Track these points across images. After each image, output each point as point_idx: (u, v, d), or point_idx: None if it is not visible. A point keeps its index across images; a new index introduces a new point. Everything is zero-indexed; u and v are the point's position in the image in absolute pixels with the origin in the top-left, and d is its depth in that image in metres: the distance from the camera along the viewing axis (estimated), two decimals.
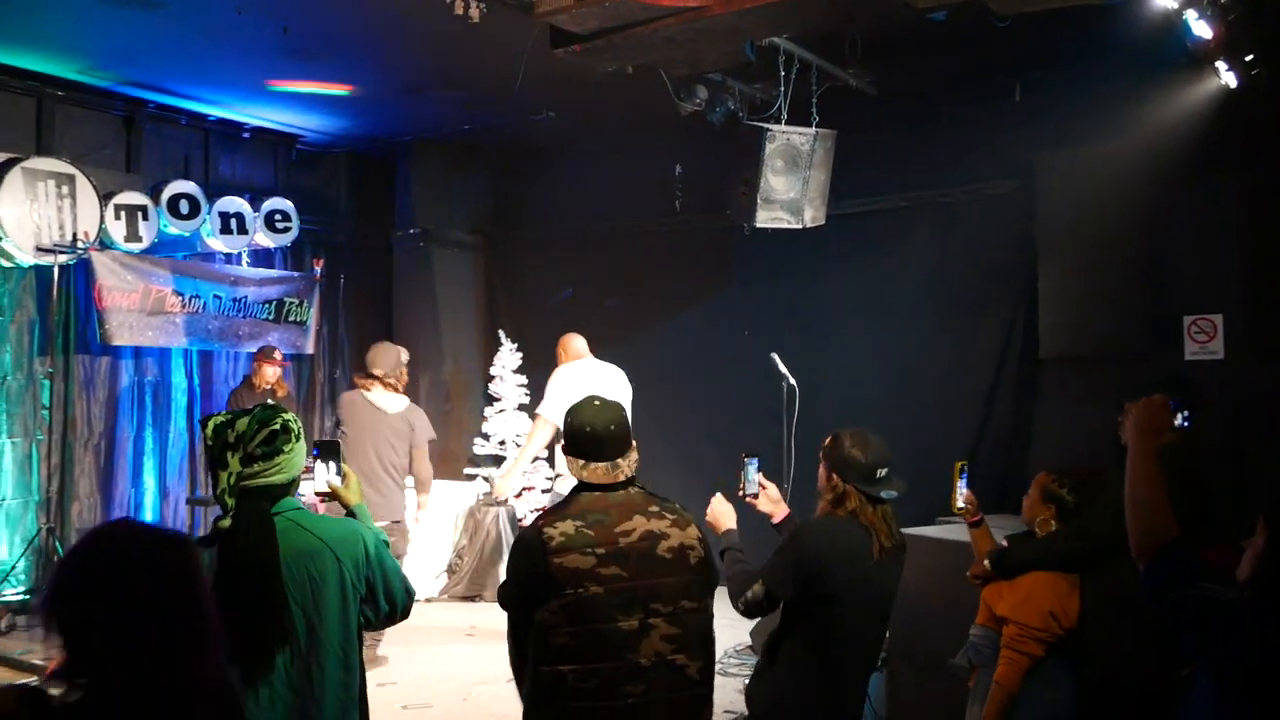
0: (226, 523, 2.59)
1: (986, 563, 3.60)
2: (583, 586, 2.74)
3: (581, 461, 2.94)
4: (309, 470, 2.89)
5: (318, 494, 3.05)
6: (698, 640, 2.88)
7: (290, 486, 2.71)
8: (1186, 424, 2.88)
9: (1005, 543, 3.69)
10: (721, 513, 3.45)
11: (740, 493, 3.57)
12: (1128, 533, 2.31)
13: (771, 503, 3.56)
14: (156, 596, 1.72)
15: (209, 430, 2.66)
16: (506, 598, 2.91)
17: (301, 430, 2.75)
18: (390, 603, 2.76)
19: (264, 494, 2.62)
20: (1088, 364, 6.85)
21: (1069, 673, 3.42)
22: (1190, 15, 5.16)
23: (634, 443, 3.01)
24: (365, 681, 2.78)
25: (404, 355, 6.56)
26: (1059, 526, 3.55)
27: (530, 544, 2.82)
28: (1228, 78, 5.85)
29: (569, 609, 2.74)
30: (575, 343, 7.00)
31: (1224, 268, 6.45)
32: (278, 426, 2.65)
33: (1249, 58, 5.68)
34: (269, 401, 3.20)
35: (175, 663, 1.70)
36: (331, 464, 2.99)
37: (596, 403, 3.01)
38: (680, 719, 2.85)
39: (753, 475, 3.55)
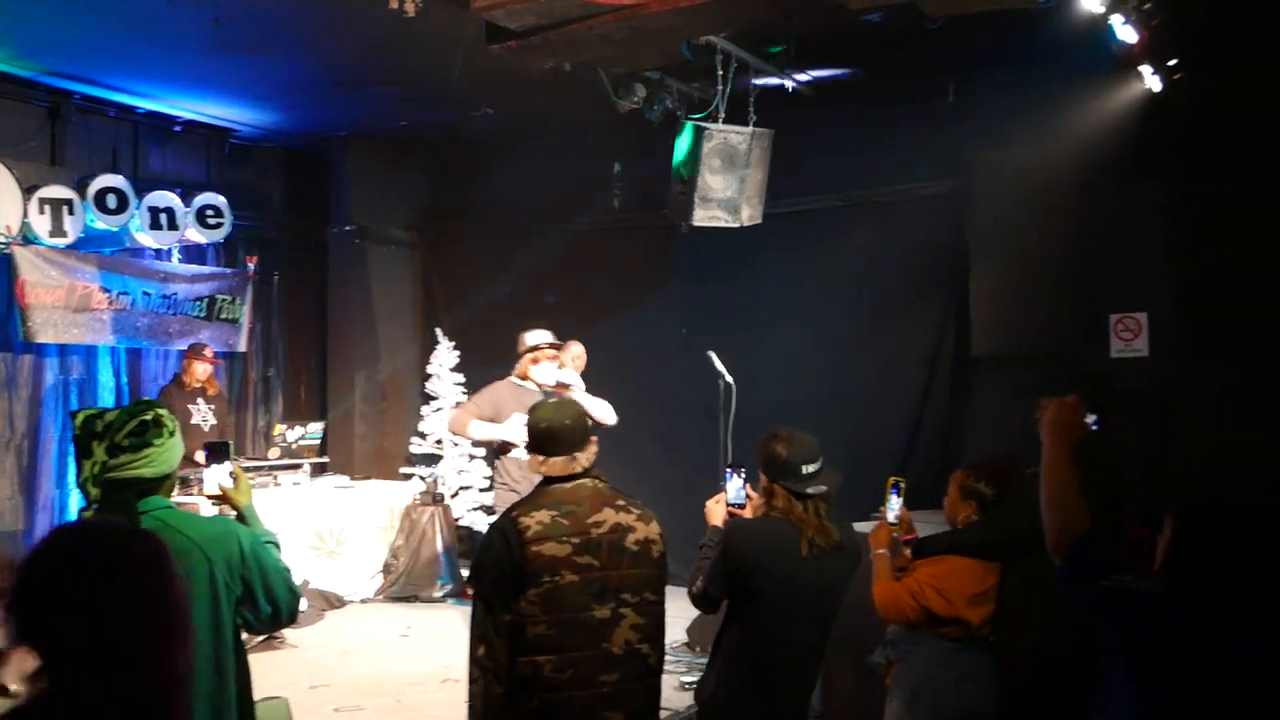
0: (88, 514, 2.54)
1: (908, 552, 3.66)
2: (559, 575, 2.80)
3: (541, 457, 3.03)
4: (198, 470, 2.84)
5: (209, 496, 2.98)
6: (658, 632, 2.99)
7: (161, 483, 2.63)
8: (1097, 426, 2.96)
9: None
10: (713, 511, 3.55)
11: (717, 501, 3.60)
12: (1044, 526, 2.38)
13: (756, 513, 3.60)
14: (134, 590, 1.67)
15: (78, 420, 2.60)
16: (487, 591, 2.89)
17: (177, 428, 2.68)
18: (272, 604, 2.68)
19: (130, 487, 2.56)
20: (1018, 362, 6.97)
21: (988, 665, 3.48)
22: (1116, 20, 5.28)
23: (593, 438, 3.09)
24: (249, 685, 2.71)
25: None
26: (981, 518, 3.61)
27: (507, 533, 2.85)
28: (1152, 82, 6.00)
29: (545, 598, 2.79)
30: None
31: (1149, 267, 6.60)
32: (149, 418, 2.60)
33: (1172, 62, 5.83)
34: (144, 399, 3.13)
35: (155, 654, 1.66)
36: (222, 466, 2.94)
37: (553, 400, 3.14)
38: (644, 707, 2.95)
39: (734, 485, 3.59)
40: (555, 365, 6.28)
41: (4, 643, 1.63)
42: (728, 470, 3.65)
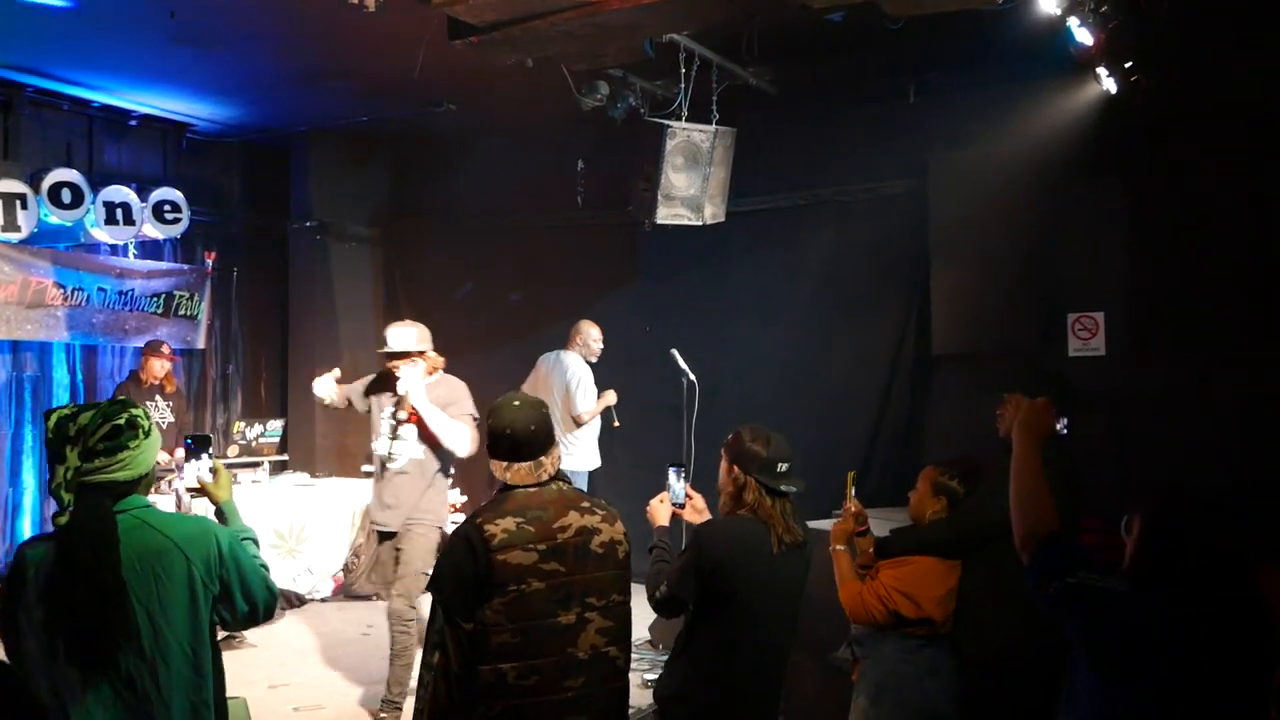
0: (63, 519, 2.48)
1: (869, 549, 3.69)
2: (525, 583, 2.75)
3: (505, 463, 2.95)
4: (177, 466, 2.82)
5: (188, 490, 2.96)
6: (625, 632, 2.96)
7: (137, 484, 2.61)
8: (1065, 431, 3.00)
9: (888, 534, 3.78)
10: (658, 511, 3.54)
11: (661, 500, 3.61)
12: (1011, 524, 2.40)
13: (696, 513, 3.61)
14: None
15: (51, 423, 2.55)
16: (448, 599, 2.81)
17: (153, 428, 2.64)
18: (250, 602, 2.66)
19: (105, 490, 2.52)
20: (978, 360, 7.03)
21: (950, 661, 3.52)
22: (1073, 22, 5.33)
23: (556, 439, 3.04)
24: (224, 685, 2.69)
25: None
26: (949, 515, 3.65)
27: (473, 541, 2.78)
28: (1108, 83, 6.07)
29: (511, 606, 2.74)
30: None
31: (1106, 267, 6.68)
32: (122, 421, 2.55)
33: (1128, 64, 5.89)
34: (122, 397, 3.09)
35: None
36: (202, 459, 2.91)
37: (516, 403, 3.01)
38: (612, 708, 2.92)
39: (676, 484, 3.59)
40: (413, 373, 5.37)
41: None
42: (671, 469, 3.66)
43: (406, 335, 5.41)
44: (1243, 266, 6.14)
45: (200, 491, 2.92)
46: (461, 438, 5.33)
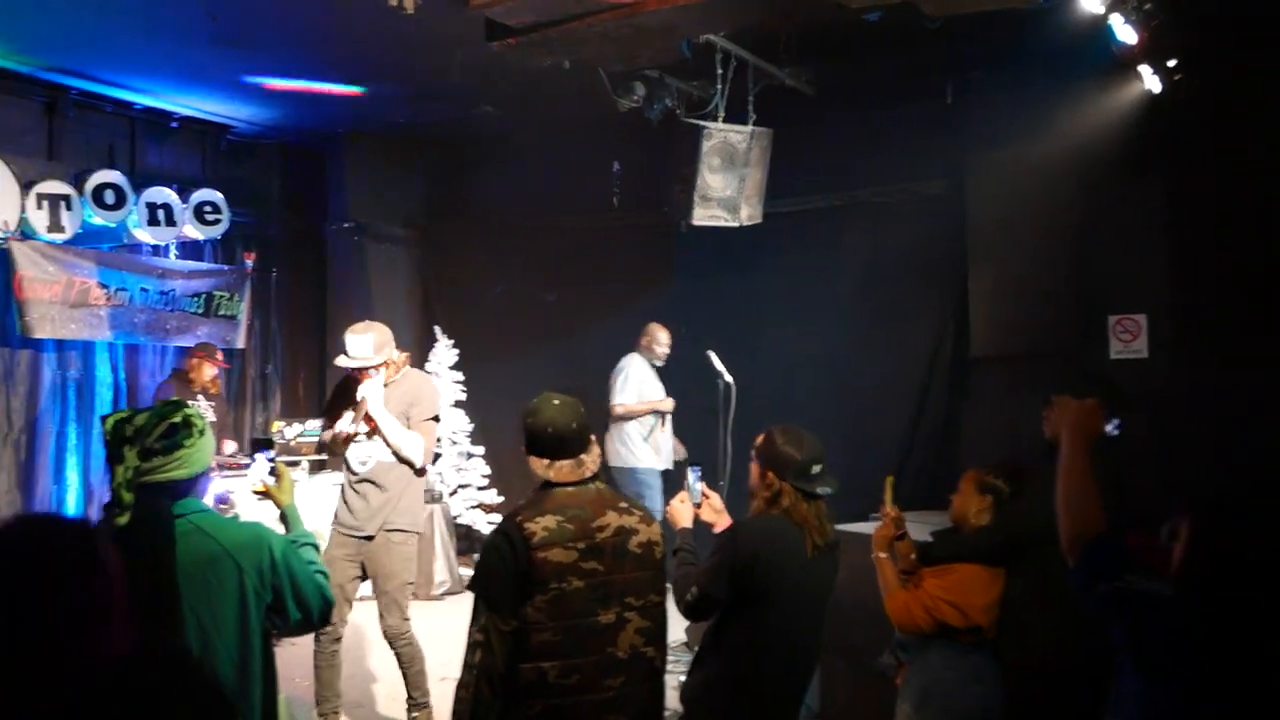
0: (124, 519, 2.50)
1: (913, 555, 3.66)
2: (565, 581, 2.76)
3: (547, 461, 2.94)
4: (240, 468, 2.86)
5: (253, 492, 3.00)
6: (662, 633, 2.96)
7: (193, 483, 2.64)
8: (1117, 432, 2.96)
9: (930, 539, 3.75)
10: (680, 512, 3.50)
11: (682, 501, 3.59)
12: (1058, 528, 2.37)
13: (714, 513, 3.58)
14: (62, 578, 1.75)
15: (108, 426, 2.60)
16: (493, 595, 2.81)
17: (207, 426, 2.68)
18: (303, 610, 2.69)
19: (164, 490, 2.56)
20: (1016, 362, 6.97)
21: (996, 667, 3.48)
22: (1115, 20, 5.28)
23: (593, 438, 3.03)
24: (275, 691, 2.71)
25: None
26: (993, 518, 3.61)
27: (514, 539, 2.78)
28: (1151, 82, 6.00)
29: (552, 605, 2.74)
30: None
31: (1149, 268, 6.59)
32: (178, 420, 2.60)
33: (1171, 63, 5.82)
34: (174, 398, 3.14)
35: (92, 637, 1.73)
36: (266, 462, 2.95)
37: (556, 401, 3.01)
38: (650, 709, 2.92)
39: (694, 484, 3.57)
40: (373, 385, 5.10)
41: None
42: (689, 469, 3.64)
43: (364, 344, 5.01)
44: None
45: (264, 494, 2.95)
46: (416, 449, 5.07)
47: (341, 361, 5.08)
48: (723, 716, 3.24)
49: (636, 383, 7.58)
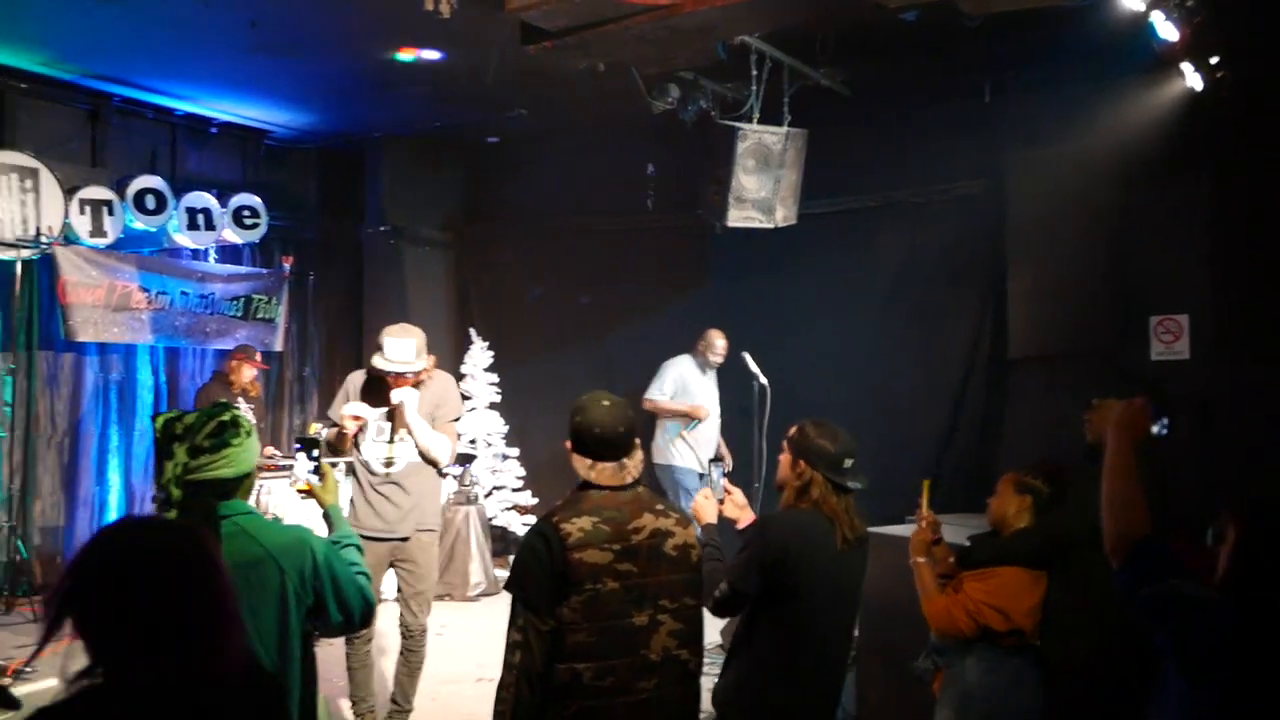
0: (172, 515, 2.56)
1: (952, 559, 3.62)
2: (600, 582, 2.75)
3: (589, 461, 2.94)
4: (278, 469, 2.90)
5: (298, 491, 3.02)
6: (697, 636, 2.93)
7: (240, 483, 2.68)
8: (1164, 432, 2.91)
9: (968, 543, 3.72)
10: (704, 508, 3.47)
11: (707, 497, 3.58)
12: (1102, 530, 2.34)
13: (737, 508, 3.57)
14: (185, 581, 1.74)
15: (159, 424, 2.66)
16: (530, 595, 2.80)
17: (253, 428, 2.73)
18: (344, 612, 2.71)
19: (211, 488, 2.60)
20: (1056, 363, 6.90)
21: (1037, 671, 3.45)
22: (1156, 17, 5.21)
23: (638, 442, 3.01)
24: (315, 693, 2.73)
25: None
26: (1033, 519, 3.57)
27: (549, 540, 2.77)
28: (1193, 79, 5.92)
29: (588, 605, 2.74)
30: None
31: (1190, 268, 6.51)
32: (227, 419, 2.65)
33: (1214, 60, 5.74)
34: (221, 400, 3.20)
35: (207, 643, 1.73)
36: (311, 462, 2.98)
37: (605, 402, 2.98)
38: (682, 712, 2.91)
39: (717, 480, 3.57)
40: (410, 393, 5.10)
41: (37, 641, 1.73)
42: (712, 464, 3.63)
43: (405, 348, 4.99)
44: None
45: (308, 493, 2.98)
46: (445, 450, 5.11)
47: (379, 364, 5.01)
48: (760, 713, 3.21)
49: (675, 382, 7.58)
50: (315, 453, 3.03)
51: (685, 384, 7.61)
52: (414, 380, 5.06)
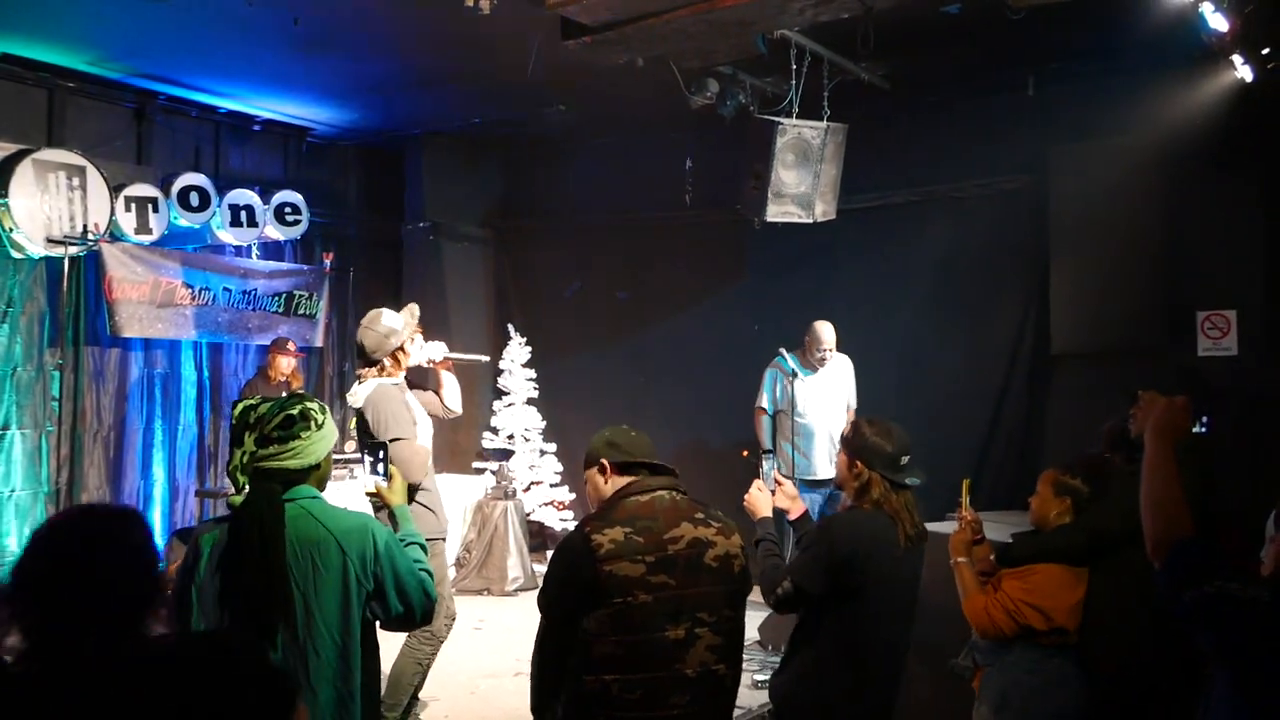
0: (238, 499, 2.64)
1: (992, 557, 3.59)
2: (631, 595, 2.67)
3: (611, 476, 2.94)
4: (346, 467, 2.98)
5: (366, 495, 3.08)
6: (736, 648, 2.86)
7: (308, 474, 2.72)
8: (1205, 429, 2.85)
9: (1010, 540, 3.68)
10: (759, 500, 3.46)
11: (760, 489, 3.57)
12: (1142, 530, 2.29)
13: (788, 499, 3.56)
14: (121, 563, 1.88)
15: (236, 411, 2.74)
16: (549, 604, 2.80)
17: (327, 421, 2.75)
18: (404, 603, 2.73)
19: (277, 476, 2.65)
20: (1100, 360, 6.81)
21: (1078, 671, 3.40)
22: (1206, 8, 5.13)
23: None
24: (377, 676, 2.77)
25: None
26: (1074, 518, 3.52)
27: (578, 550, 2.71)
28: (1244, 71, 5.82)
29: (617, 617, 2.66)
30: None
31: (1239, 263, 6.41)
32: (295, 412, 2.69)
33: (1265, 51, 5.64)
34: (301, 391, 3.27)
35: (139, 620, 1.86)
36: (378, 465, 3.03)
37: (633, 434, 2.98)
38: None
39: (768, 472, 3.56)
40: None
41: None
42: (764, 456, 3.62)
43: (396, 317, 5.37)
44: None
45: (376, 495, 3.02)
46: (458, 394, 5.45)
47: (424, 350, 5.31)
48: (822, 714, 3.19)
49: (772, 387, 7.08)
50: (382, 454, 3.06)
51: (780, 386, 7.03)
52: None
